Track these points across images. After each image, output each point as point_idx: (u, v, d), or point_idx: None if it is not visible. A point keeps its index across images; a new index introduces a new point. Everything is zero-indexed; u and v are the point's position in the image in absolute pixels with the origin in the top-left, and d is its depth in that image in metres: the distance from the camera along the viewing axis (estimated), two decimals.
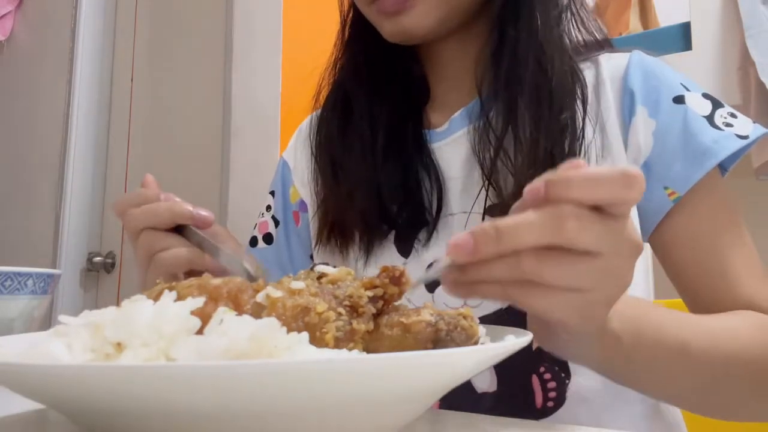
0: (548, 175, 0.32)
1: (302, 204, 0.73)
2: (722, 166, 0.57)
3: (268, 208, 0.76)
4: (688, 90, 0.57)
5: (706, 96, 0.58)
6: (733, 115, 0.56)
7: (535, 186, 0.32)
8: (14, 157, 2.07)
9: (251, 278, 0.45)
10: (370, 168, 0.61)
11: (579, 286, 0.33)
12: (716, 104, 0.57)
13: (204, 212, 0.49)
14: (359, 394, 0.25)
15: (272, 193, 0.77)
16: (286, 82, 1.63)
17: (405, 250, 0.60)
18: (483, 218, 0.57)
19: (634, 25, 1.51)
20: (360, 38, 0.68)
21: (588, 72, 0.60)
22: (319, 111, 0.71)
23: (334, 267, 0.35)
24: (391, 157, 0.61)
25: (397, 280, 0.33)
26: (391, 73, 0.66)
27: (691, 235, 0.54)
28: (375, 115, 0.63)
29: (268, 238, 0.74)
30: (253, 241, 0.75)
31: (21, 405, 0.40)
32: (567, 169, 0.32)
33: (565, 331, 0.38)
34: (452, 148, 0.62)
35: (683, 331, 0.46)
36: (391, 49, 0.63)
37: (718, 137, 0.54)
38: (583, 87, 0.57)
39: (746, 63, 1.22)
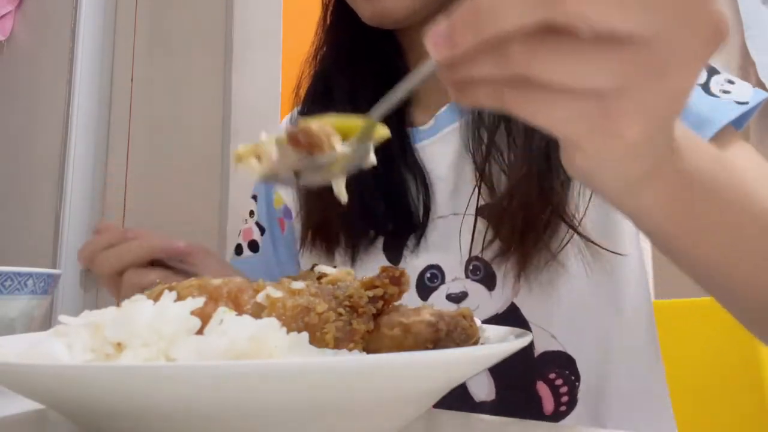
0: None
1: (286, 210, 0.71)
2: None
3: (251, 213, 0.74)
4: None
5: None
6: (730, 82, 0.54)
7: None
8: (14, 157, 2.07)
9: None
10: None
11: (593, 85, 0.22)
12: (712, 71, 0.54)
13: (177, 243, 0.51)
14: (359, 394, 0.25)
15: (254, 197, 0.75)
16: (286, 82, 1.63)
17: (394, 257, 0.59)
18: (476, 219, 0.55)
19: None
20: (340, 24, 0.66)
21: None
22: (299, 107, 0.69)
23: (334, 267, 0.36)
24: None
25: (397, 280, 0.33)
26: (373, 64, 0.64)
27: None
28: (356, 106, 0.61)
29: (254, 246, 0.73)
30: (238, 250, 0.73)
31: (21, 405, 0.39)
32: None
33: (581, 154, 0.27)
34: (440, 146, 0.60)
35: (760, 184, 0.37)
36: (372, 41, 0.62)
37: (716, 105, 0.51)
38: None
39: (746, 63, 1.22)
